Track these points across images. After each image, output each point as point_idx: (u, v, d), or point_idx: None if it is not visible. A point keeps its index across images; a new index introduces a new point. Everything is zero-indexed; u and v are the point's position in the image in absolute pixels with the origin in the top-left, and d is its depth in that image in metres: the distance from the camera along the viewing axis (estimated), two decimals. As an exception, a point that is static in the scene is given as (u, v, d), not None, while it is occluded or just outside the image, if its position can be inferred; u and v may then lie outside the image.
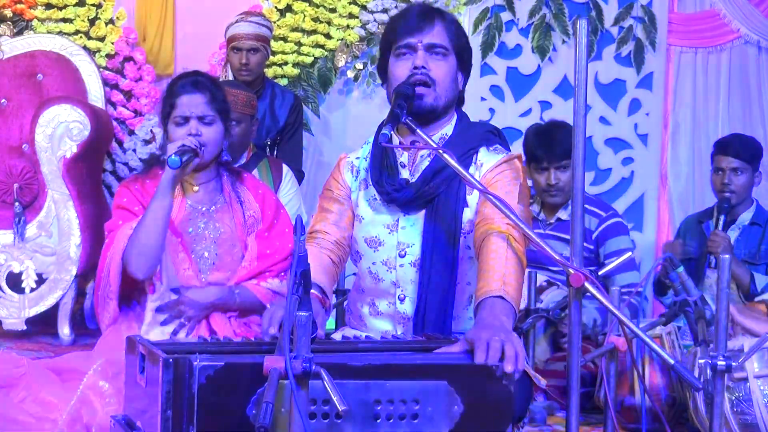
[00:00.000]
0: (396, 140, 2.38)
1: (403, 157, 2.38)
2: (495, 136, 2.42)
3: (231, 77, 4.36)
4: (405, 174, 2.37)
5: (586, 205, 2.02)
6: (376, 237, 2.38)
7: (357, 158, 2.48)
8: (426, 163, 2.35)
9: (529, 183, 3.71)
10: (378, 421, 1.74)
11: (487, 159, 2.35)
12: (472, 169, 2.33)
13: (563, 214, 3.77)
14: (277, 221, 2.89)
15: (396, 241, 2.35)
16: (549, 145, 3.72)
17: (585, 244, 3.66)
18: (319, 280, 2.28)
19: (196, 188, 2.85)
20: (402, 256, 2.34)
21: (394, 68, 2.36)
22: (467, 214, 2.32)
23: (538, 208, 3.83)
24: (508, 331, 1.96)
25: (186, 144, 2.68)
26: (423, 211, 2.34)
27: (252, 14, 4.44)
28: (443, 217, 2.31)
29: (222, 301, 2.76)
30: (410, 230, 2.34)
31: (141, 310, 2.77)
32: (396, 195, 2.33)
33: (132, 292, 2.80)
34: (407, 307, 2.33)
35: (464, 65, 2.41)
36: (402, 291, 2.34)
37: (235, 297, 2.77)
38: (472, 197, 2.32)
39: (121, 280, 2.71)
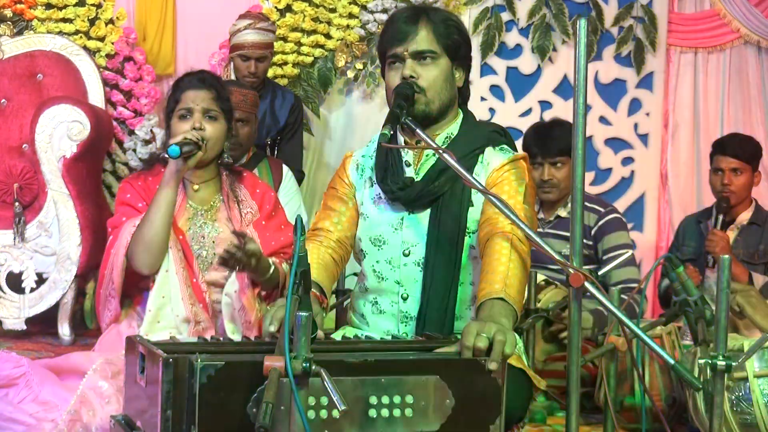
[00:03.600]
0: (401, 140, 2.38)
1: (408, 156, 2.38)
2: (501, 136, 2.41)
3: (233, 77, 4.36)
4: (410, 173, 2.37)
5: (585, 203, 2.02)
6: (380, 235, 2.37)
7: (362, 156, 2.49)
8: (431, 162, 2.35)
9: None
10: (374, 416, 1.75)
11: (493, 158, 2.35)
12: (478, 169, 2.33)
13: (562, 212, 3.78)
14: (275, 214, 2.89)
15: (400, 239, 2.35)
16: (543, 140, 3.75)
17: (584, 240, 3.66)
18: (318, 279, 2.29)
19: (196, 187, 2.84)
20: (406, 255, 2.33)
21: (387, 78, 2.38)
22: (472, 213, 2.31)
23: (537, 207, 3.83)
24: (499, 324, 1.93)
25: (188, 137, 2.68)
26: (428, 210, 2.33)
27: (257, 19, 4.41)
28: (448, 217, 2.30)
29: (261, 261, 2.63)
30: (414, 229, 2.34)
31: (141, 309, 2.76)
32: (400, 194, 2.33)
33: (133, 291, 2.80)
34: (410, 306, 2.32)
35: (461, 62, 2.39)
36: (405, 290, 2.33)
37: (269, 262, 2.67)
38: (478, 196, 2.31)
39: (124, 277, 2.71)
